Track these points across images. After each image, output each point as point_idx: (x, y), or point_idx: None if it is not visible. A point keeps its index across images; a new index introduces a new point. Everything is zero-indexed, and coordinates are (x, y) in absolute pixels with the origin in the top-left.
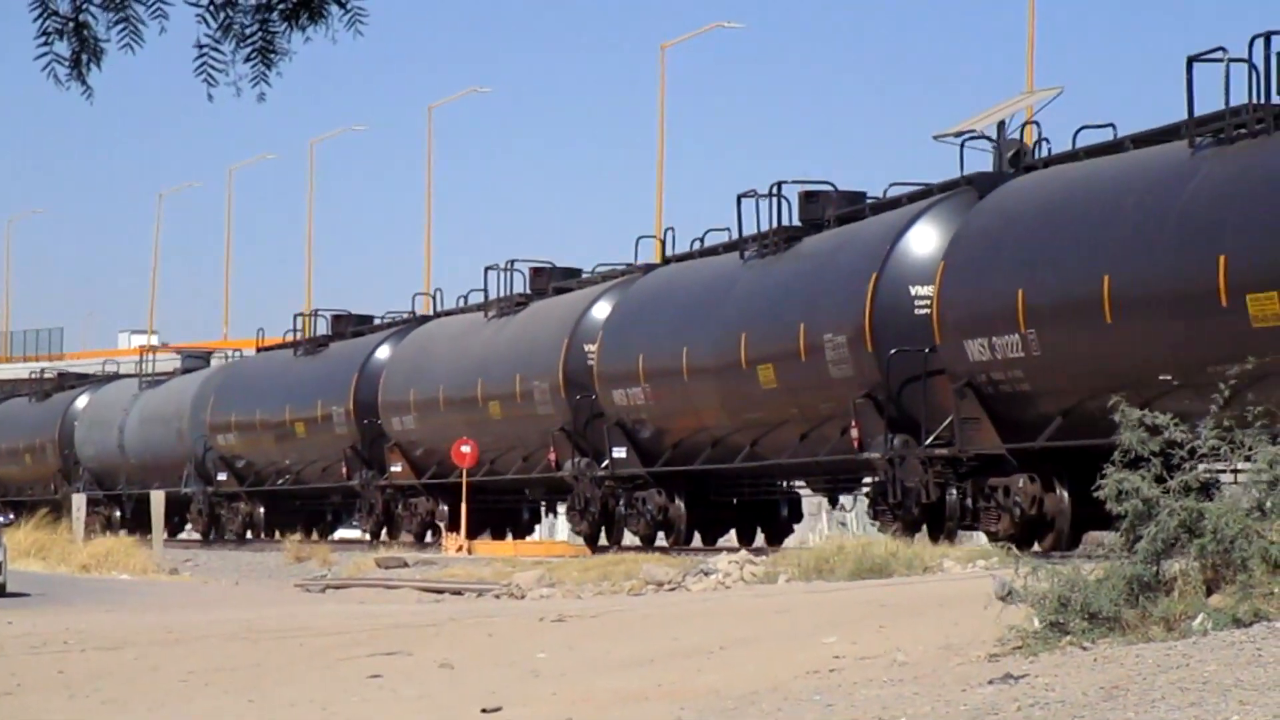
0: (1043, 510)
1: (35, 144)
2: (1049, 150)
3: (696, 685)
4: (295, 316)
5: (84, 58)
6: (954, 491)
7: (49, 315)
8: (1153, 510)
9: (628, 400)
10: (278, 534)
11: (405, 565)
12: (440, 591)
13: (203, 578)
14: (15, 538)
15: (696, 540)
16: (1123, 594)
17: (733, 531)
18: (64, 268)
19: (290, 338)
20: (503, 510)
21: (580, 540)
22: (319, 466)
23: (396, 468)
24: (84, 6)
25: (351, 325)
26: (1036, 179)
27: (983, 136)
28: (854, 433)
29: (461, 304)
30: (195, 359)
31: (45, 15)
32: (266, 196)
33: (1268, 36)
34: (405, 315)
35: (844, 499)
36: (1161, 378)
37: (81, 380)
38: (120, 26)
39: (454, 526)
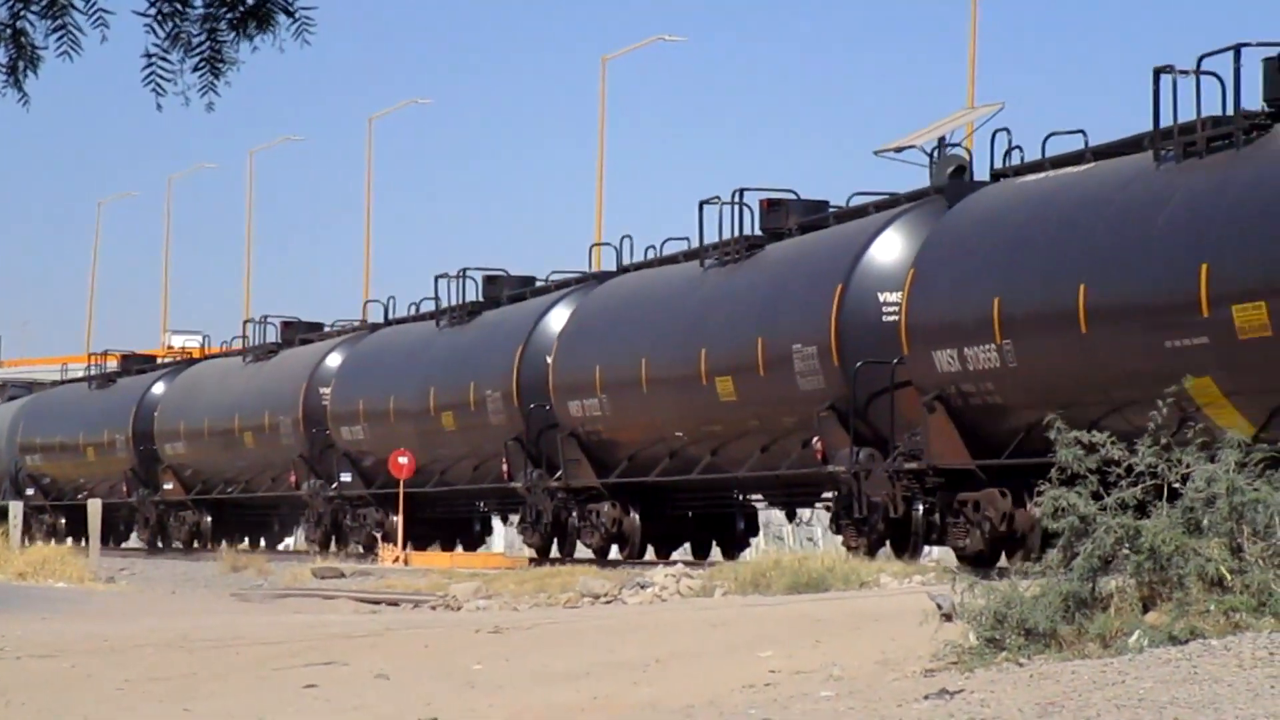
0: (1013, 526)
1: None
2: (1022, 158)
3: (632, 698)
4: (245, 323)
5: (21, 65)
6: (920, 506)
7: None
8: (1090, 527)
9: (584, 411)
10: (224, 544)
11: (342, 576)
12: (377, 602)
13: (139, 587)
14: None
15: (650, 554)
16: (1059, 610)
17: (687, 545)
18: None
19: (238, 345)
20: (455, 521)
21: (523, 551)
22: (267, 476)
23: (346, 477)
24: (21, 13)
25: (301, 332)
26: (1003, 188)
27: (949, 147)
28: (817, 445)
29: (413, 312)
30: (18, 388)
31: None
32: (207, 205)
33: (1237, 49)
34: (356, 323)
35: (802, 512)
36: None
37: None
38: (59, 34)
39: (408, 536)
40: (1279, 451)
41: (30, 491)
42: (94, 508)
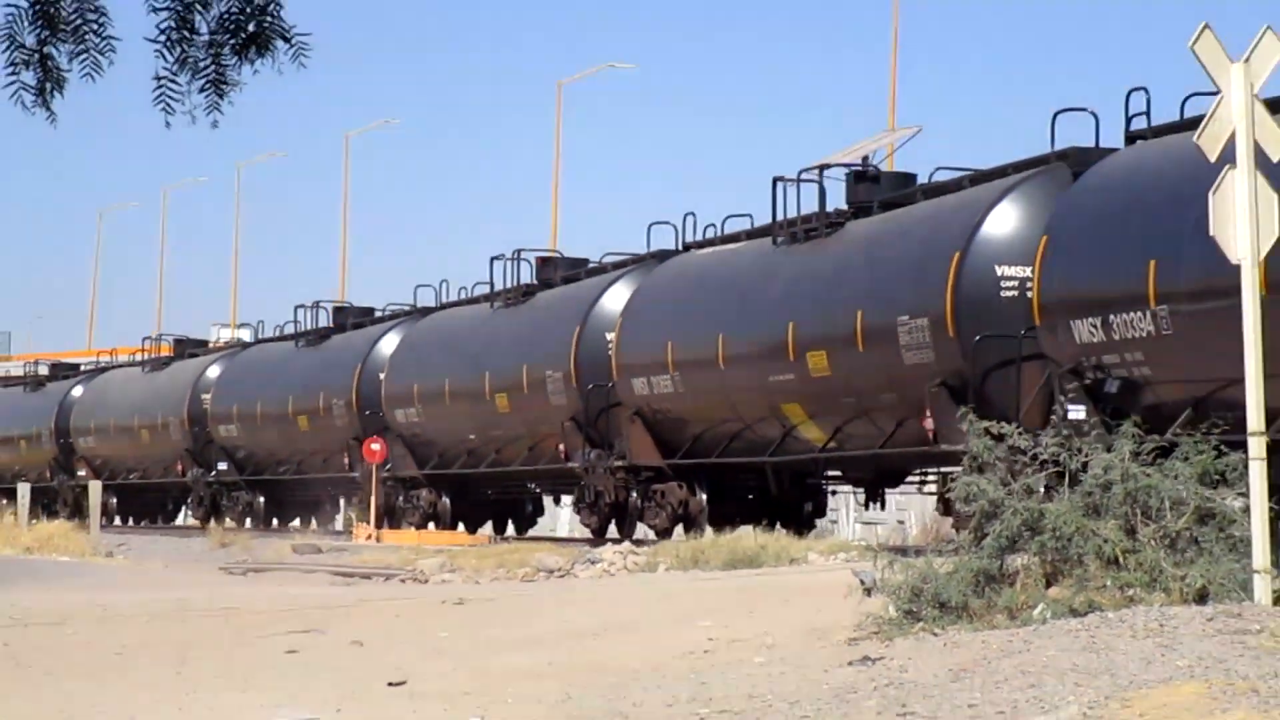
0: (689, 509)
1: None
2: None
3: (583, 664)
4: (296, 308)
5: (48, 86)
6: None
7: None
8: (998, 510)
9: (650, 389)
10: (275, 522)
11: (319, 551)
12: (351, 575)
13: (135, 561)
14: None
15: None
16: (970, 585)
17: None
18: (6, 280)
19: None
20: (506, 502)
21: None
22: (319, 457)
23: (400, 457)
24: (48, 40)
25: (353, 317)
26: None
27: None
28: (929, 423)
29: (465, 295)
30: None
31: (13, 48)
32: (203, 213)
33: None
34: (407, 307)
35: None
36: None
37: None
38: (81, 58)
39: (457, 517)
40: (1169, 442)
41: (82, 472)
42: (94, 488)
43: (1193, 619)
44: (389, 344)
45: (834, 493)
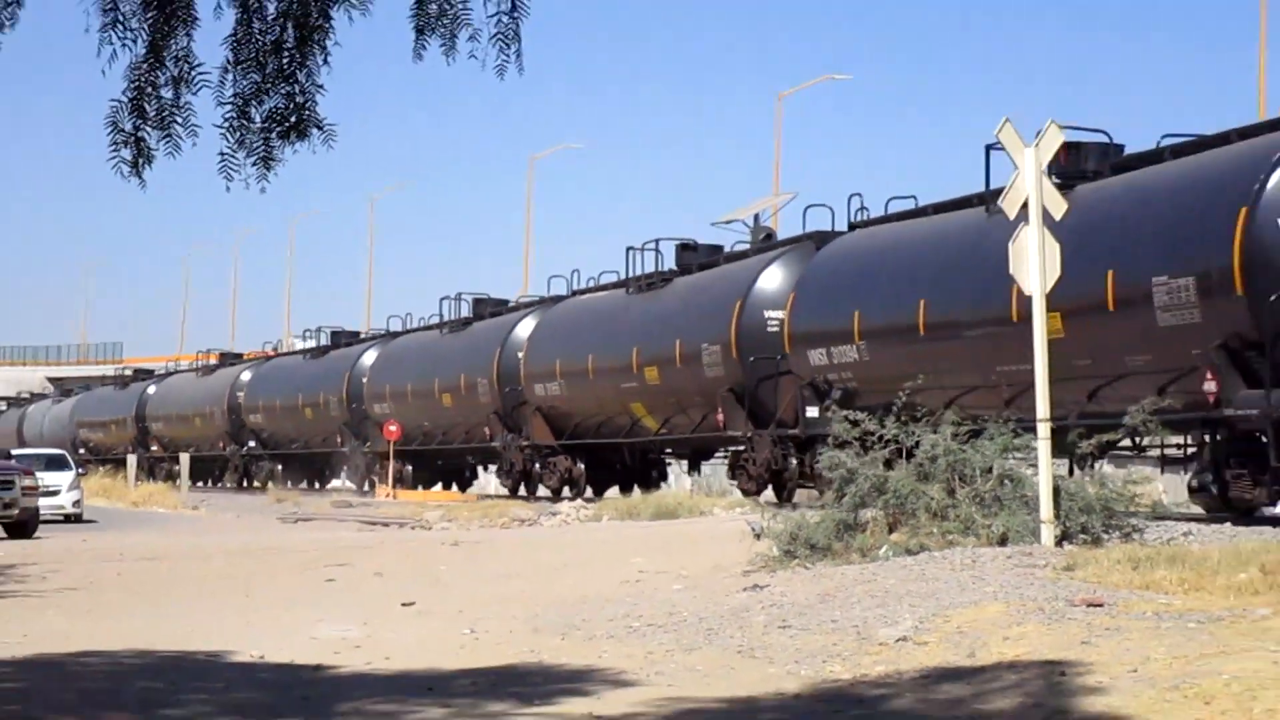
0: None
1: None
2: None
3: (547, 591)
4: (441, 300)
5: (140, 161)
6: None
7: (112, 333)
8: (854, 476)
9: (828, 360)
10: (420, 487)
11: (350, 505)
12: (374, 524)
13: (213, 513)
14: (88, 483)
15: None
16: (833, 532)
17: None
18: (124, 295)
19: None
20: (638, 468)
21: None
22: (462, 429)
23: (537, 428)
24: (140, 126)
25: (490, 307)
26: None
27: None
28: (720, 418)
29: (593, 283)
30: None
31: (115, 131)
32: (321, 238)
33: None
34: (538, 298)
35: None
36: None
37: (237, 360)
38: (166, 139)
39: (590, 483)
40: (980, 426)
41: (251, 444)
42: (184, 460)
43: (996, 557)
44: (525, 328)
45: (669, 463)
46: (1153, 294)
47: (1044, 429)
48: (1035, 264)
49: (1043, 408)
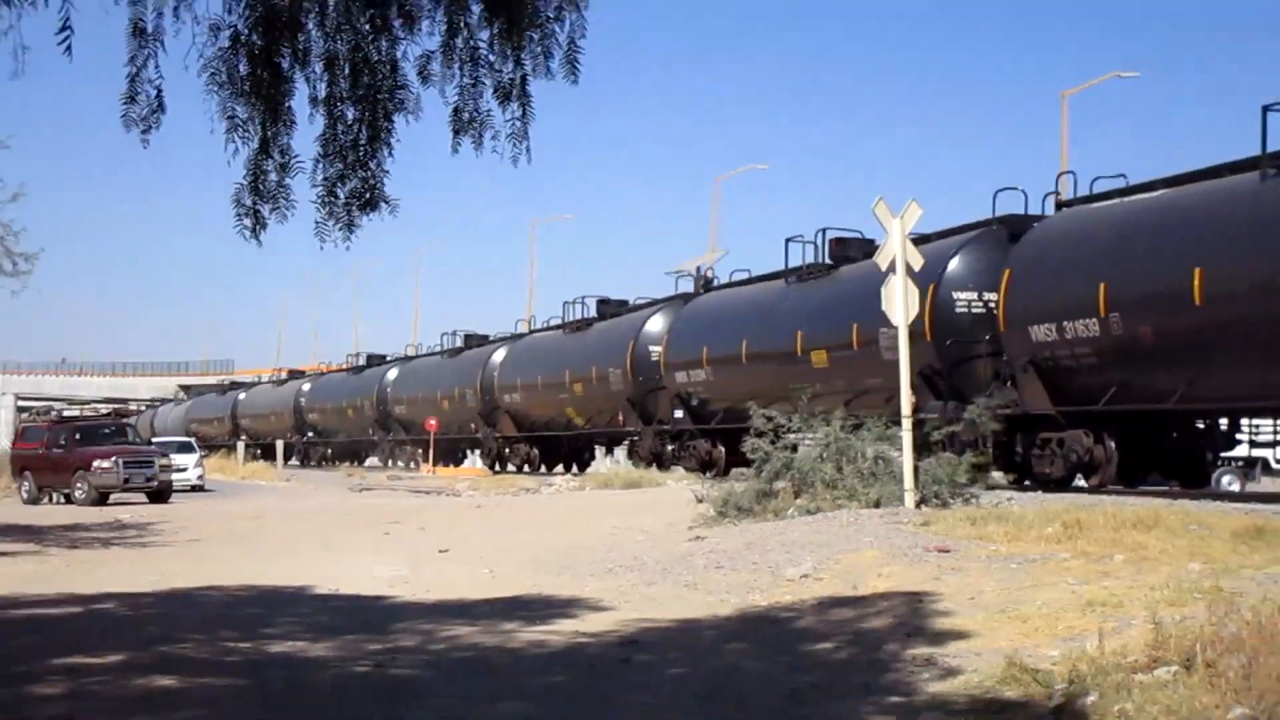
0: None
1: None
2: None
3: (546, 541)
4: (564, 304)
5: (257, 228)
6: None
7: (226, 351)
8: (769, 457)
9: (1048, 334)
10: (544, 468)
11: (400, 479)
12: (419, 492)
13: (300, 485)
14: (208, 461)
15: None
16: (754, 498)
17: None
18: (232, 319)
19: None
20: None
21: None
22: (587, 416)
23: (678, 414)
24: (256, 202)
25: (611, 308)
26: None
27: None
28: (620, 419)
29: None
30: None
31: (238, 206)
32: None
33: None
34: (667, 296)
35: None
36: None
37: (382, 360)
38: (275, 211)
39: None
40: (859, 419)
41: (393, 433)
42: (279, 446)
43: (872, 516)
44: (656, 324)
45: (595, 448)
46: (878, 339)
47: (907, 423)
48: (900, 303)
49: (906, 407)
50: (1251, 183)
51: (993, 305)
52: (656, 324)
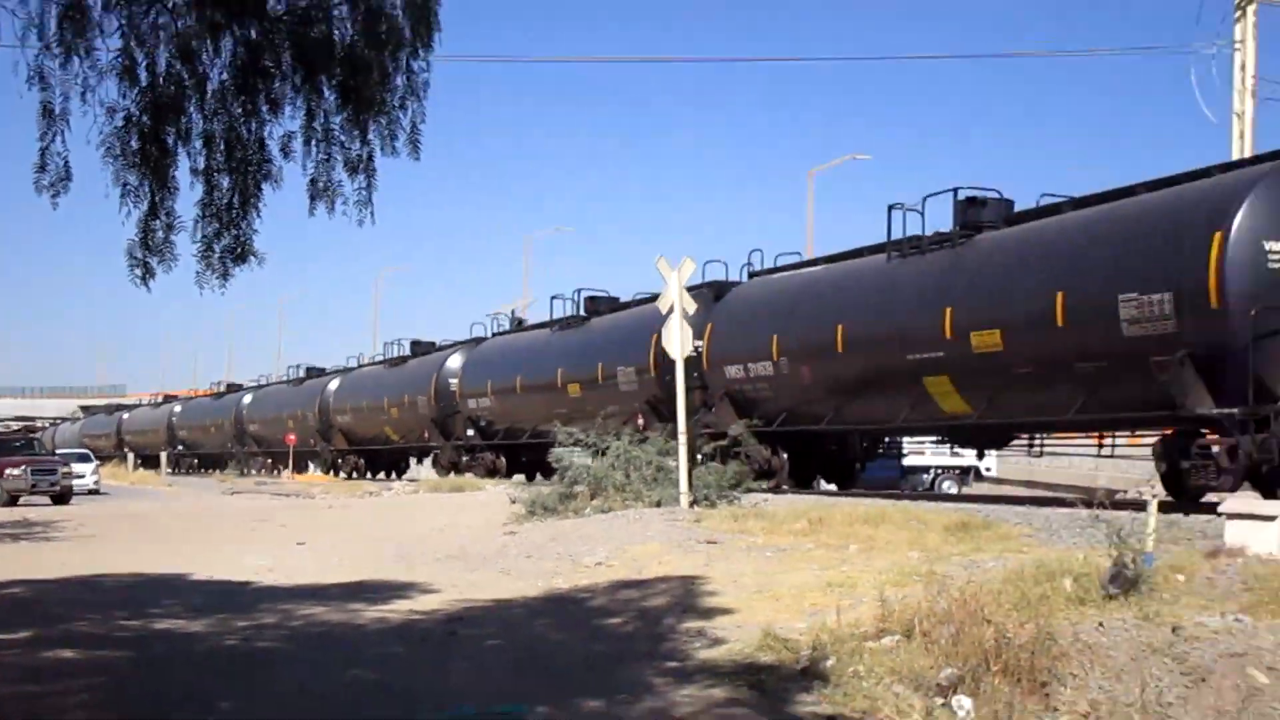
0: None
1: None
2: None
3: (386, 535)
4: (384, 344)
5: (147, 277)
6: None
7: (120, 376)
8: (570, 466)
9: (742, 374)
10: (369, 474)
11: (266, 484)
12: (281, 495)
13: (180, 488)
14: (102, 470)
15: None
16: (558, 499)
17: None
18: (126, 349)
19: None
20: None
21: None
22: (400, 434)
23: (470, 432)
24: (146, 256)
25: (423, 347)
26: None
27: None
28: (427, 434)
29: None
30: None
31: (130, 259)
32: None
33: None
34: (462, 340)
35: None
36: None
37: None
38: (162, 264)
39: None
40: (646, 435)
41: (335, 441)
42: (164, 457)
43: (655, 514)
44: (455, 361)
45: (409, 459)
46: (616, 375)
47: (683, 439)
48: (677, 339)
49: (682, 424)
50: (880, 262)
51: (700, 349)
52: (455, 361)
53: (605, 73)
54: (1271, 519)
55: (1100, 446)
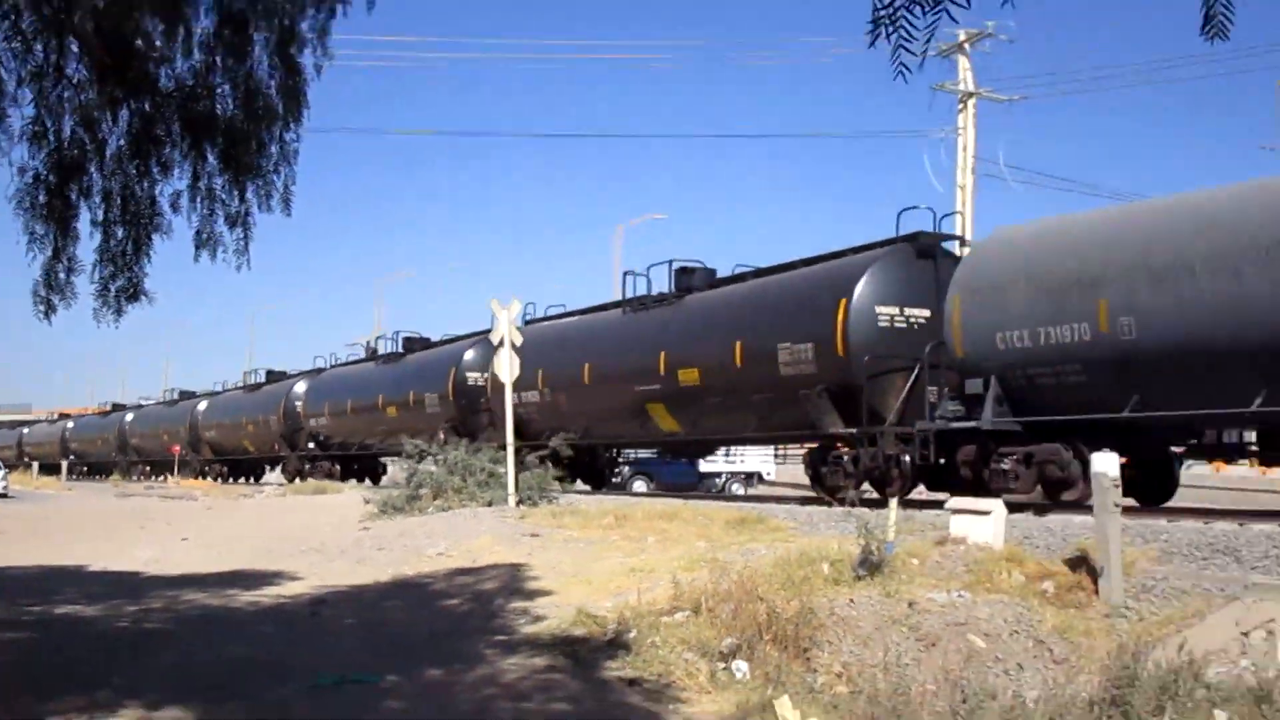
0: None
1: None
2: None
3: (258, 532)
4: (244, 372)
5: (49, 312)
6: None
7: (24, 396)
8: (417, 473)
9: (517, 400)
10: (231, 480)
11: (153, 487)
12: (166, 497)
13: (79, 492)
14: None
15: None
16: (406, 500)
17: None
18: (31, 370)
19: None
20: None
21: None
22: (256, 446)
23: (311, 445)
24: (49, 294)
25: (275, 376)
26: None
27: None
28: (441, 438)
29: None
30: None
31: (35, 297)
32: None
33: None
34: (306, 370)
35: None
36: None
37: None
38: (63, 301)
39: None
40: (479, 447)
41: (311, 445)
42: (64, 465)
43: (489, 512)
44: (300, 386)
45: (265, 467)
46: (424, 400)
47: (510, 449)
48: (506, 368)
49: (510, 438)
50: (618, 315)
51: (485, 380)
52: (300, 387)
53: (440, 143)
54: (987, 514)
55: (776, 455)
